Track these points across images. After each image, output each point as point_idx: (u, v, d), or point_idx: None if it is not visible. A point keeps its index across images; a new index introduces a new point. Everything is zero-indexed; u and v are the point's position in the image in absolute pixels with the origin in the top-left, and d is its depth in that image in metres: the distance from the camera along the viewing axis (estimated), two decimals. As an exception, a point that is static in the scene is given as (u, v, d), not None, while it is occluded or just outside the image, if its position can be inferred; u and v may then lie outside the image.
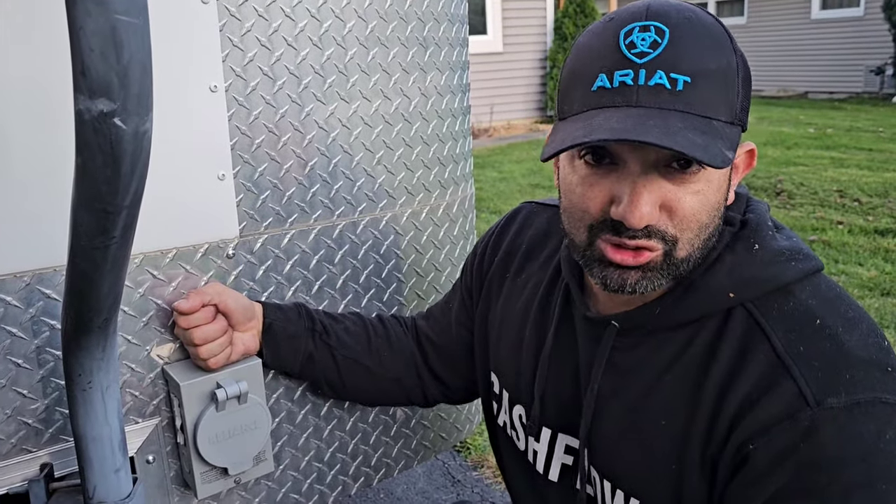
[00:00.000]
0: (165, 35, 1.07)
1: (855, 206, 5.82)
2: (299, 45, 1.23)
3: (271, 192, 1.23)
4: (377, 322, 1.35)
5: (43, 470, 1.07)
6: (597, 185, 0.87)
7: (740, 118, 0.86)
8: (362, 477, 1.46)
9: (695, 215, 0.86)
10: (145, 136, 0.67)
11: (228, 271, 1.21)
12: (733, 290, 0.90)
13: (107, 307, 0.86)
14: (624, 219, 0.84)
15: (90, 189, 0.69)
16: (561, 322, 1.08)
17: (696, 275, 0.92)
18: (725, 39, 0.85)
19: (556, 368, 1.08)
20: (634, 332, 0.97)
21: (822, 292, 0.91)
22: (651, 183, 0.84)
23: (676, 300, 0.93)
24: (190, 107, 1.12)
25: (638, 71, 0.81)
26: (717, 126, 0.82)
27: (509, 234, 1.25)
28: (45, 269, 1.02)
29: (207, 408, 1.15)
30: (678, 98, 0.81)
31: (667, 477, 0.92)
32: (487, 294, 1.25)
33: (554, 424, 1.09)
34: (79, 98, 0.63)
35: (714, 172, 0.86)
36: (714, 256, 0.92)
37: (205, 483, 1.18)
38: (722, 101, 0.83)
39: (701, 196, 0.85)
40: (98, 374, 0.93)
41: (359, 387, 1.31)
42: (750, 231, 0.94)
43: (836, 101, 13.69)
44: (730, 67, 0.84)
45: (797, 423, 0.81)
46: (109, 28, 0.60)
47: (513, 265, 1.22)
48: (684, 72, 0.81)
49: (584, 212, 0.89)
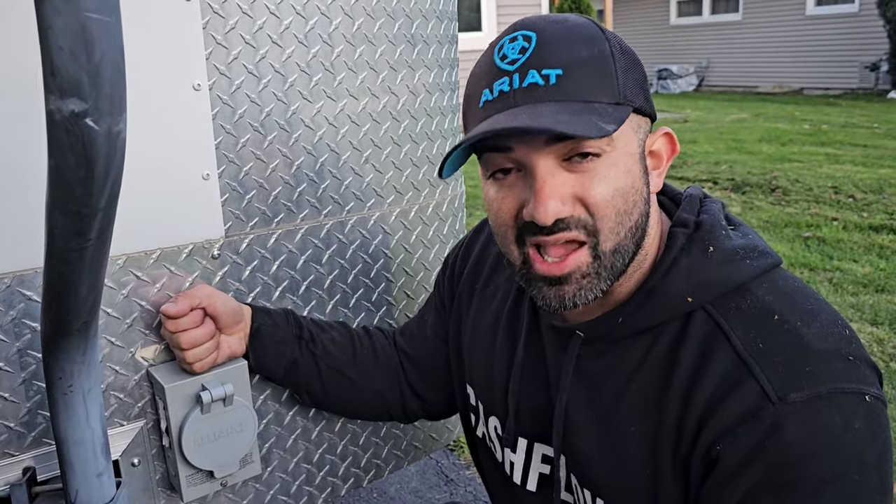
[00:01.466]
0: (147, 32, 1.05)
1: (850, 202, 5.82)
2: (284, 43, 1.21)
3: (257, 191, 1.22)
4: (363, 334, 1.34)
5: (25, 474, 1.05)
6: (508, 195, 0.91)
7: (628, 99, 0.87)
8: (352, 478, 1.45)
9: (609, 202, 0.87)
10: (119, 137, 0.66)
11: (214, 272, 1.20)
12: (691, 294, 0.90)
13: (86, 310, 0.84)
14: (533, 217, 0.86)
15: (63, 191, 0.68)
16: (530, 332, 1.09)
17: (654, 280, 0.93)
18: (596, 32, 0.89)
19: (528, 379, 1.08)
20: (599, 341, 0.97)
21: (780, 287, 0.91)
22: (554, 178, 0.86)
23: (637, 307, 0.93)
24: (173, 106, 1.10)
25: (512, 76, 0.86)
26: (597, 106, 0.84)
27: (477, 246, 1.26)
28: (25, 270, 1.01)
29: (192, 410, 1.13)
30: (553, 90, 0.84)
31: (642, 483, 0.92)
32: (458, 306, 1.26)
33: (529, 434, 1.08)
34: (49, 98, 0.61)
35: (619, 157, 0.87)
36: (670, 261, 0.93)
37: (191, 486, 1.17)
38: (599, 84, 0.86)
39: (609, 181, 0.86)
40: (79, 377, 0.92)
41: (340, 397, 1.30)
42: (704, 232, 0.94)
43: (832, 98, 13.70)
44: (603, 55, 0.87)
45: (761, 421, 0.81)
46: (79, 26, 0.58)
47: (481, 277, 1.23)
48: (555, 65, 0.85)
49: (505, 225, 0.92)
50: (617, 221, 0.88)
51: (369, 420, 1.43)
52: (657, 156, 0.96)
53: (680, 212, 0.98)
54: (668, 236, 0.96)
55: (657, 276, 0.93)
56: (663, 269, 0.93)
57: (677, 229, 0.95)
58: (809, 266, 4.45)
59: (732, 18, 16.79)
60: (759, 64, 16.14)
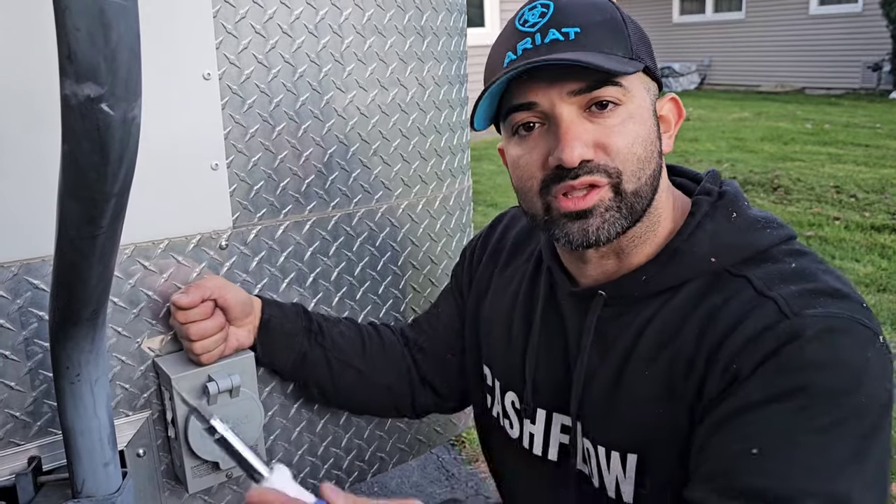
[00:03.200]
0: (157, 21, 1.05)
1: (851, 201, 5.82)
2: (294, 33, 1.20)
3: (265, 182, 1.21)
4: (371, 329, 1.34)
5: (31, 463, 1.05)
6: (535, 148, 0.96)
7: (641, 58, 0.95)
8: (356, 471, 1.45)
9: (629, 147, 0.93)
10: (134, 123, 0.65)
11: (221, 262, 1.19)
12: (714, 255, 0.95)
13: (95, 299, 0.84)
14: (561, 160, 0.91)
15: (77, 177, 0.67)
16: (547, 305, 1.11)
17: (678, 242, 0.97)
18: (609, 5, 0.96)
19: (545, 350, 1.10)
20: (620, 301, 1.00)
21: (797, 251, 0.96)
22: (577, 126, 0.92)
23: (661, 266, 0.98)
24: (182, 95, 1.10)
25: (534, 36, 0.93)
26: (614, 57, 0.92)
27: (496, 234, 1.30)
28: (32, 258, 1.00)
29: (199, 401, 1.13)
30: (573, 44, 0.91)
31: (655, 424, 0.94)
32: (477, 292, 1.27)
33: (547, 405, 1.10)
34: (65, 83, 0.60)
35: (635, 109, 0.94)
36: (694, 224, 0.98)
37: (196, 477, 1.16)
38: (615, 42, 0.93)
39: (628, 130, 0.93)
40: (87, 366, 0.91)
41: (349, 391, 1.29)
42: (728, 201, 1.00)
43: (834, 97, 13.68)
44: (615, 19, 0.95)
45: (777, 331, 0.84)
46: (97, 8, 0.58)
47: (500, 261, 1.25)
48: (573, 25, 0.92)
49: (531, 177, 0.97)
50: (638, 167, 0.93)
51: (378, 416, 1.42)
52: (666, 120, 1.02)
53: (704, 183, 1.03)
54: (693, 204, 1.01)
55: (681, 238, 0.98)
56: (688, 232, 0.98)
57: (702, 197, 1.01)
58: (811, 265, 4.45)
59: (735, 17, 16.75)
60: (762, 63, 16.11)
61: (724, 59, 17.07)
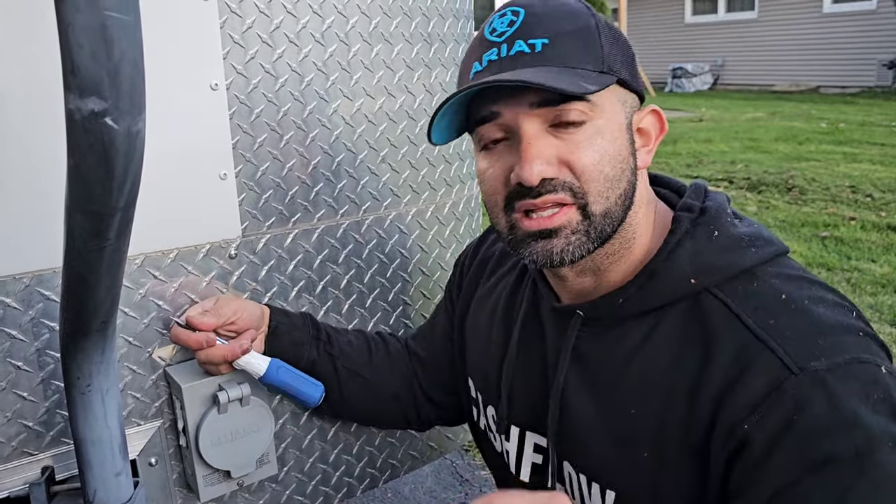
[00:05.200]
0: (165, 32, 1.05)
1: (867, 201, 5.76)
2: (301, 42, 1.21)
3: (274, 191, 1.22)
4: (378, 338, 1.34)
5: (44, 473, 1.06)
6: (497, 162, 0.93)
7: (613, 70, 0.89)
8: (368, 478, 1.45)
9: (595, 166, 0.88)
10: (138, 136, 0.66)
11: (231, 272, 1.20)
12: (695, 275, 0.90)
13: (104, 310, 0.84)
14: (520, 177, 0.88)
15: (83, 191, 0.67)
16: (528, 318, 1.09)
17: (657, 263, 0.93)
18: (583, 9, 0.92)
19: (523, 365, 1.08)
20: (599, 322, 0.97)
21: (785, 272, 0.91)
22: (539, 141, 0.88)
23: (639, 288, 0.94)
24: (190, 105, 1.10)
25: (500, 46, 0.90)
26: (581, 72, 0.87)
27: (485, 245, 1.28)
28: (44, 270, 1.01)
29: (209, 410, 1.13)
30: (538, 57, 0.87)
31: (640, 466, 0.90)
32: (464, 304, 1.27)
33: (522, 422, 1.07)
34: (69, 97, 0.61)
35: (604, 125, 0.89)
36: (674, 244, 0.93)
37: (207, 486, 1.17)
38: (584, 54, 0.88)
39: (595, 146, 0.88)
40: (97, 377, 0.92)
41: (357, 400, 1.29)
42: (709, 218, 0.95)
43: (849, 96, 13.58)
44: (588, 28, 0.90)
45: (785, 393, 0.79)
46: (99, 24, 0.58)
47: (485, 272, 1.24)
48: (542, 35, 0.88)
49: (495, 193, 0.94)
50: (606, 186, 0.89)
51: (387, 426, 1.42)
52: (645, 133, 0.97)
53: (685, 198, 0.99)
54: (673, 220, 0.96)
55: (660, 259, 0.93)
56: (666, 252, 0.93)
57: (682, 214, 0.96)
58: (827, 266, 4.41)
59: (748, 16, 16.67)
60: (775, 62, 16.01)
61: (738, 59, 17.00)
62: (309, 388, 1.20)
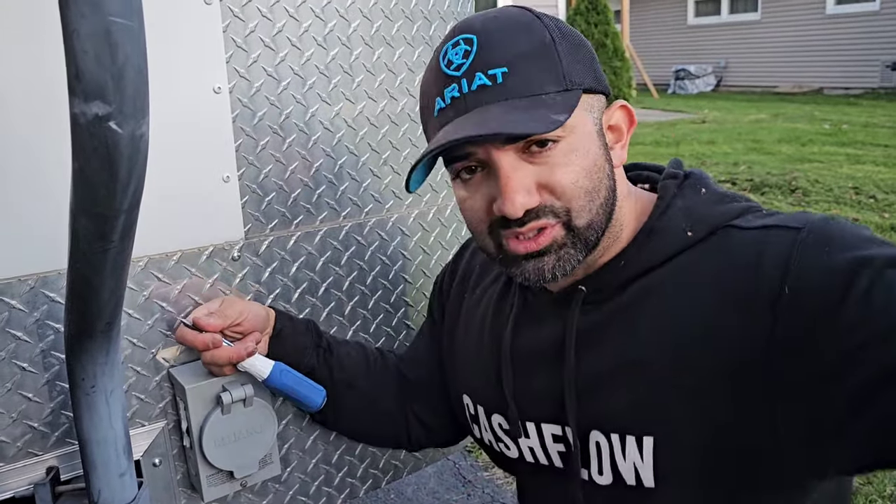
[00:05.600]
0: (168, 36, 1.07)
1: (871, 202, 5.77)
2: (304, 46, 1.22)
3: (276, 193, 1.23)
4: (377, 353, 1.35)
5: (49, 473, 1.06)
6: (477, 192, 0.94)
7: (576, 83, 0.90)
8: (370, 479, 1.45)
9: (575, 184, 0.90)
10: (142, 140, 0.67)
11: (234, 273, 1.21)
12: (690, 228, 0.95)
13: (109, 311, 0.85)
14: (503, 212, 0.89)
15: (87, 194, 0.68)
16: (519, 320, 1.09)
17: (652, 222, 0.97)
18: (534, 21, 0.91)
19: (523, 363, 1.08)
20: (601, 293, 0.99)
21: (768, 212, 0.96)
22: (517, 171, 0.88)
23: (639, 247, 0.97)
24: (194, 108, 1.11)
25: (460, 81, 0.89)
26: (545, 98, 0.87)
27: (463, 261, 1.29)
28: (49, 272, 1.02)
29: (213, 411, 1.14)
30: (500, 89, 0.87)
31: (671, 400, 0.91)
32: (451, 322, 1.27)
33: (535, 417, 1.07)
34: (74, 101, 0.62)
35: (576, 140, 0.90)
36: (665, 204, 0.98)
37: (211, 486, 1.18)
38: (545, 74, 0.88)
39: (571, 164, 0.89)
40: (102, 378, 0.93)
41: (350, 413, 1.29)
42: (694, 180, 1.01)
43: (852, 97, 13.58)
44: (544, 44, 0.89)
45: (805, 244, 0.84)
46: (103, 30, 0.59)
47: (469, 285, 1.25)
48: (499, 64, 0.87)
49: (478, 221, 0.95)
50: (587, 199, 0.91)
51: (377, 444, 1.41)
52: (617, 129, 0.99)
53: (667, 169, 1.04)
54: (660, 188, 1.00)
55: (654, 218, 0.97)
56: (659, 212, 0.97)
57: (667, 181, 1.01)
58: (830, 267, 4.41)
59: (751, 18, 16.68)
60: (778, 64, 16.02)
61: (741, 61, 17.01)
62: (311, 393, 1.20)
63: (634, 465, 0.95)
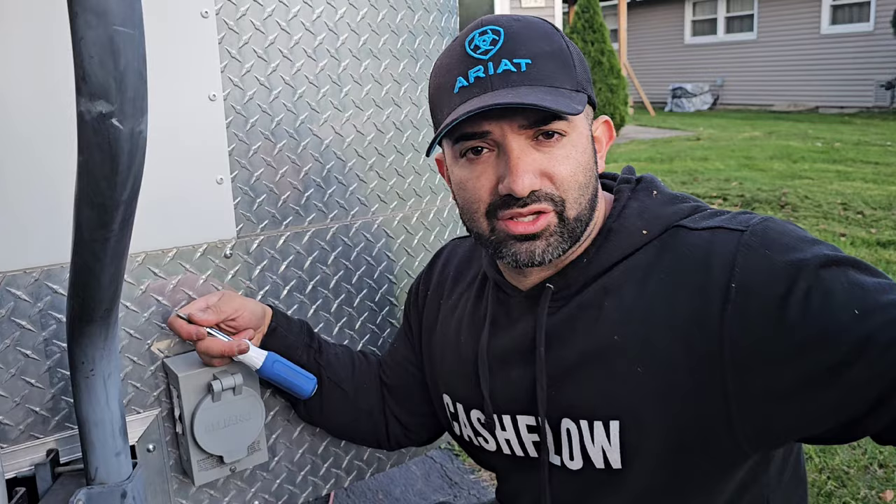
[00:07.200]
0: (167, 46, 1.14)
1: (858, 218, 5.85)
2: (294, 57, 1.30)
3: (267, 195, 1.30)
4: (361, 356, 1.41)
5: (49, 455, 1.13)
6: (483, 173, 1.01)
7: (584, 88, 1.01)
8: (355, 470, 1.52)
9: (572, 176, 0.99)
10: (140, 136, 0.74)
11: (226, 270, 1.28)
12: (645, 227, 1.04)
13: (108, 298, 0.92)
14: (511, 190, 0.96)
15: (91, 185, 0.76)
16: (495, 317, 1.16)
17: (610, 223, 1.06)
18: (553, 32, 1.01)
19: (498, 358, 1.14)
20: (567, 291, 1.07)
21: (716, 211, 1.05)
22: (526, 156, 0.97)
23: (599, 247, 1.05)
24: (190, 114, 1.19)
25: (487, 64, 0.97)
26: (564, 91, 0.97)
27: (437, 268, 1.36)
28: (52, 265, 1.09)
29: (204, 398, 1.21)
30: (525, 76, 0.96)
31: (633, 383, 0.99)
32: (428, 328, 1.33)
33: (509, 410, 1.13)
34: (80, 100, 0.70)
35: (577, 138, 1.00)
36: (621, 207, 1.07)
37: (202, 470, 1.24)
38: (562, 74, 0.98)
39: (572, 159, 0.99)
40: (100, 362, 1.00)
41: (335, 411, 1.34)
42: (646, 184, 1.11)
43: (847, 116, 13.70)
44: (562, 49, 1.00)
45: (748, 246, 0.93)
46: (108, 38, 0.67)
47: (444, 292, 1.31)
48: (524, 56, 0.96)
49: (478, 201, 1.02)
50: (579, 193, 1.00)
51: (358, 442, 1.46)
52: (599, 141, 1.09)
53: (621, 175, 1.14)
54: (616, 192, 1.10)
55: (612, 220, 1.07)
56: (616, 214, 1.07)
57: (622, 186, 1.11)
58: (817, 281, 4.47)
59: (747, 37, 16.85)
60: (774, 82, 16.17)
61: (737, 80, 17.15)
62: (302, 381, 1.27)
63: (603, 449, 1.03)
